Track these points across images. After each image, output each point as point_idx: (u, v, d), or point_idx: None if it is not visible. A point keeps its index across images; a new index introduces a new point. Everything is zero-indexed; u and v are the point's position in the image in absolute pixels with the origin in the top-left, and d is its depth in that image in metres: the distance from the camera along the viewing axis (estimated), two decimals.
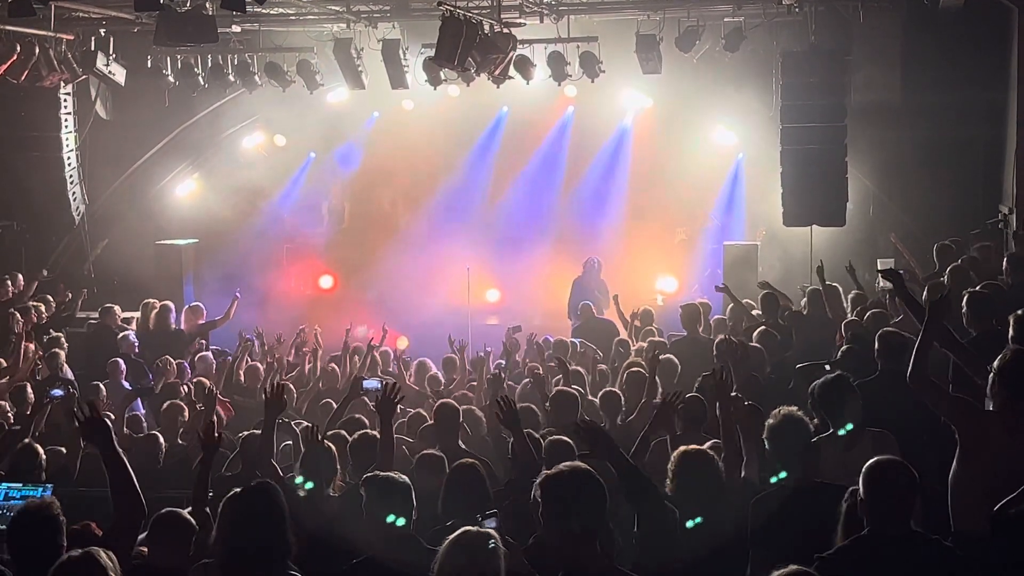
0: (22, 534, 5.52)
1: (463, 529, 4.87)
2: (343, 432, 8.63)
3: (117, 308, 16.24)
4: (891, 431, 7.36)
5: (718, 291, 14.71)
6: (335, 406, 10.26)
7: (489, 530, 4.91)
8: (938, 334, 7.39)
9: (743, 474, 7.02)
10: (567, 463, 5.16)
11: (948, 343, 7.70)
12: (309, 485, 7.36)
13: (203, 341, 15.70)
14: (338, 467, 7.63)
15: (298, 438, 8.23)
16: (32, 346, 14.14)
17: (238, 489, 5.84)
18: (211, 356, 14.41)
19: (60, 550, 5.47)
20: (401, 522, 5.91)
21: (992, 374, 6.86)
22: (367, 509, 6.07)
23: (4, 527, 5.89)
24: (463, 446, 8.87)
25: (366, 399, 11.58)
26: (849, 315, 12.02)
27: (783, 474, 6.65)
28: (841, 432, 7.13)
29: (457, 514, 6.64)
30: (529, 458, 7.39)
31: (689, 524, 6.12)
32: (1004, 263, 11.63)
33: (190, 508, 6.93)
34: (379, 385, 11.61)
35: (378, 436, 7.90)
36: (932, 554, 5.34)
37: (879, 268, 10.46)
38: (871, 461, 5.62)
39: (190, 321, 16.19)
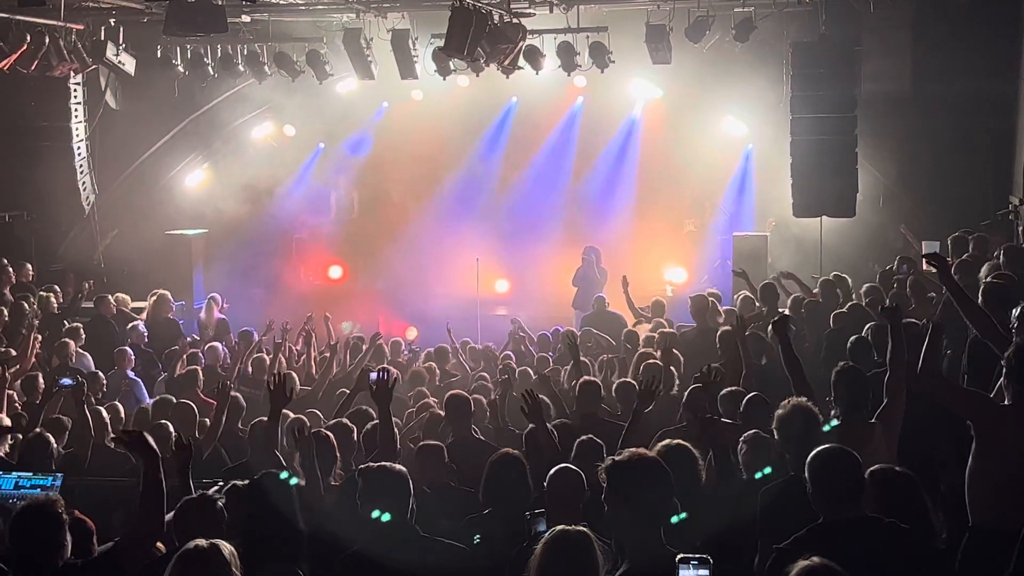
0: (25, 531, 5.53)
1: (560, 528, 4.78)
2: (345, 421, 8.60)
3: (110, 297, 16.12)
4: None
5: (736, 276, 14.66)
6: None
7: (587, 530, 4.80)
8: (974, 321, 7.45)
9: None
10: (633, 449, 5.18)
11: (981, 327, 7.69)
12: (294, 481, 7.40)
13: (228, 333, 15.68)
14: (337, 456, 7.61)
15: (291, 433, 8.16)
16: (39, 336, 14.15)
17: (244, 483, 5.87)
18: (221, 347, 14.39)
19: (62, 547, 5.51)
20: (386, 517, 5.84)
21: (1003, 368, 6.85)
22: (359, 501, 6.02)
23: None
24: (477, 435, 8.89)
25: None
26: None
27: (768, 470, 6.69)
28: (826, 428, 7.12)
29: (497, 504, 6.64)
30: (554, 452, 7.37)
31: (674, 519, 6.18)
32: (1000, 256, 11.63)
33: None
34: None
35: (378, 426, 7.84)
36: (888, 536, 5.35)
37: (924, 252, 10.44)
38: (815, 451, 5.68)
39: (210, 311, 16.20)
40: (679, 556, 4.44)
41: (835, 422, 7.13)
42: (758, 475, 6.77)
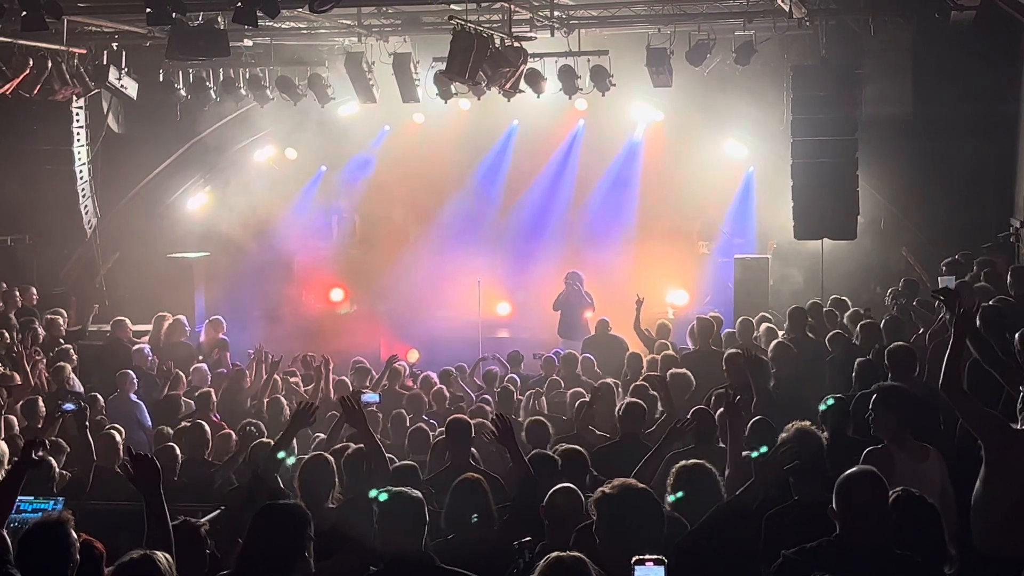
0: (34, 550, 5.49)
1: (556, 555, 4.75)
2: (352, 445, 8.62)
3: (128, 321, 16.27)
4: None
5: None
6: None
7: (582, 556, 4.77)
8: (977, 348, 7.45)
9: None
10: (620, 480, 5.15)
11: (983, 353, 7.67)
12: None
13: (226, 354, 15.67)
14: (336, 480, 7.58)
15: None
16: (43, 360, 14.17)
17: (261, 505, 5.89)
18: (206, 368, 14.37)
19: (72, 567, 5.46)
20: (383, 497, 5.79)
21: (1021, 393, 6.82)
22: (377, 525, 5.93)
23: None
24: (474, 462, 8.86)
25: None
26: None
27: (763, 449, 6.68)
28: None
29: (460, 529, 6.62)
30: (524, 475, 7.36)
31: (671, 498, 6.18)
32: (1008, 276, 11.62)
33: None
34: (379, 399, 11.64)
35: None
36: (895, 566, 5.30)
37: (939, 286, 10.19)
38: (846, 472, 5.64)
39: (210, 335, 16.18)
40: (635, 558, 4.37)
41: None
42: (755, 455, 6.75)
